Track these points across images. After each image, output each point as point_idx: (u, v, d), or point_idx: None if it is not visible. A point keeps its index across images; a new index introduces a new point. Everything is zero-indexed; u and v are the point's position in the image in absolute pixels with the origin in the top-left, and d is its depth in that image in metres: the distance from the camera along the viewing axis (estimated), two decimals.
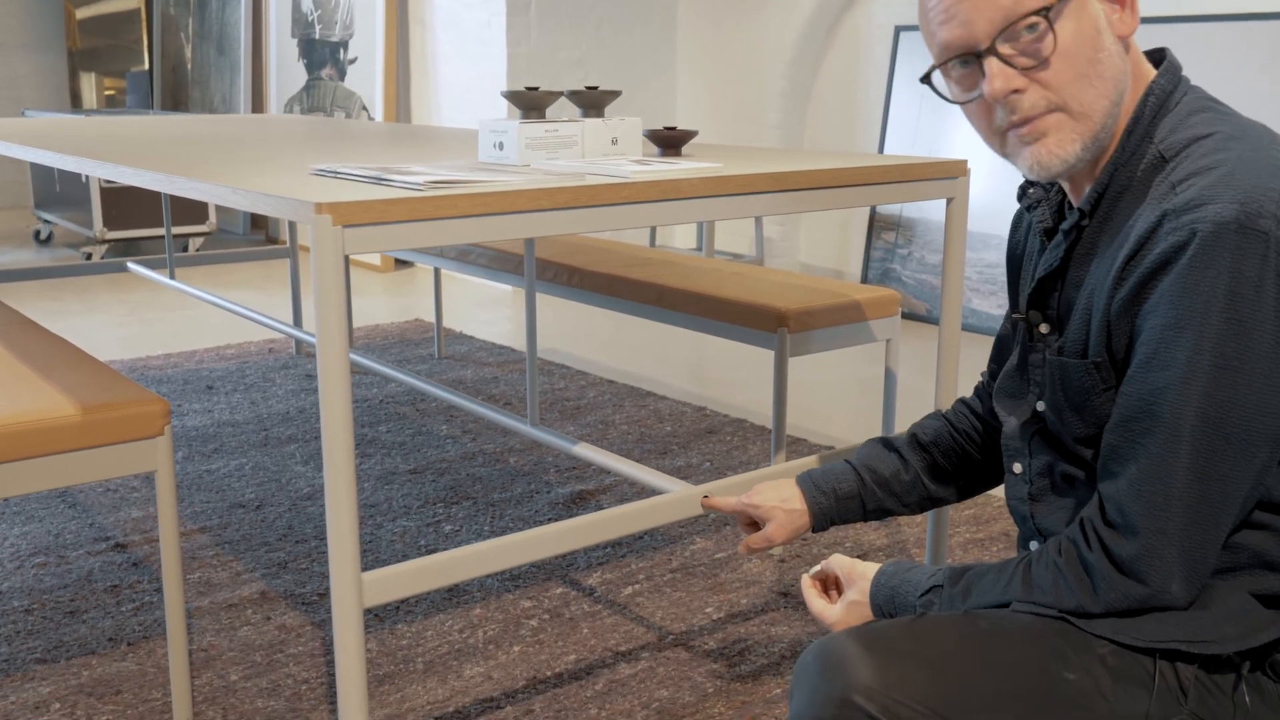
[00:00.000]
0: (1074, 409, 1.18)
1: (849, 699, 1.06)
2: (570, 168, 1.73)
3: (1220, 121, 1.11)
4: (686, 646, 2.08)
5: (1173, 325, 1.03)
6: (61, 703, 1.90)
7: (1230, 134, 1.09)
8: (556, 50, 5.31)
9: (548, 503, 2.73)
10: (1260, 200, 1.01)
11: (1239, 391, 1.02)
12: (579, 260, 2.87)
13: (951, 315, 2.08)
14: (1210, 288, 1.01)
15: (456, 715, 1.87)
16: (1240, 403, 1.02)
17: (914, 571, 1.25)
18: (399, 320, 4.68)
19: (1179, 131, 1.12)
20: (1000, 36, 1.11)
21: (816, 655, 1.11)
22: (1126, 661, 1.09)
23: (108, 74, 7.85)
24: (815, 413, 3.47)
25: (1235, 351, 1.01)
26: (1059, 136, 1.13)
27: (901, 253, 4.76)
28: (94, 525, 2.60)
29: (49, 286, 5.35)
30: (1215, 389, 1.02)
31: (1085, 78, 1.11)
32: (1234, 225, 1.00)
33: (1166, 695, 1.08)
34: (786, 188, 1.77)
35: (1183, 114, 1.13)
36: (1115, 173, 1.15)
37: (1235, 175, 1.03)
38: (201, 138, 2.57)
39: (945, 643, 1.10)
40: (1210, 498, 1.04)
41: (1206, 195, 1.02)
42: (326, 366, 1.40)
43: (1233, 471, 1.04)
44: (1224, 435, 1.03)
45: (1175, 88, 1.16)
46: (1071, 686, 1.07)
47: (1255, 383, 1.02)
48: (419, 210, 1.42)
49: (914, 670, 1.07)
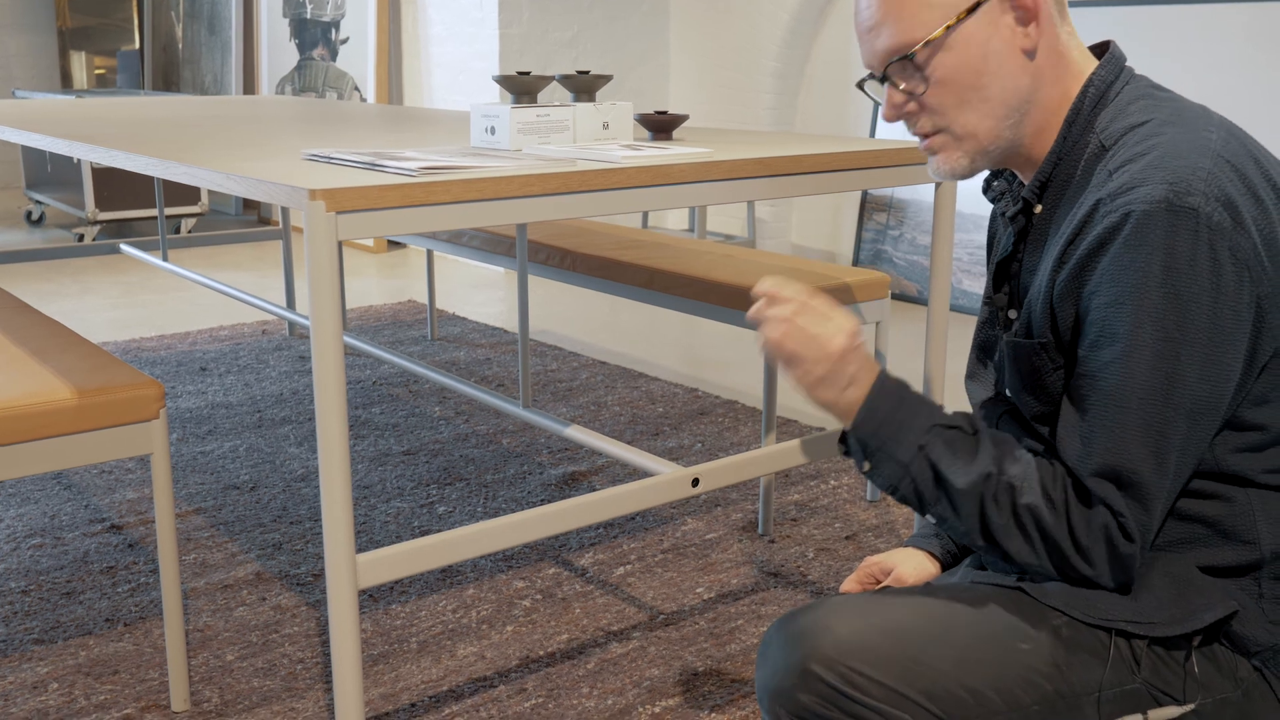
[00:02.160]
0: (1028, 390, 1.21)
1: (808, 668, 1.10)
2: (561, 153, 1.75)
3: (1156, 108, 1.15)
4: (677, 626, 2.10)
5: (1113, 303, 1.07)
6: (59, 683, 1.92)
7: (1164, 119, 1.12)
8: (548, 31, 5.30)
9: (540, 484, 2.75)
10: (1189, 179, 1.05)
11: (1181, 363, 1.05)
12: (571, 243, 2.88)
13: (940, 298, 2.10)
14: (1145, 265, 1.05)
15: (450, 695, 1.89)
16: (1183, 374, 1.06)
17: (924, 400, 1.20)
18: (392, 301, 4.69)
19: (1117, 120, 1.16)
20: (887, 67, 1.21)
21: (779, 628, 1.15)
22: (1080, 633, 1.12)
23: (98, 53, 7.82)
24: None
25: (1175, 324, 1.05)
26: (946, 154, 1.22)
27: (893, 234, 4.78)
28: (90, 507, 2.62)
29: (42, 268, 5.35)
30: (1158, 362, 1.06)
31: (965, 103, 1.18)
32: (1164, 204, 1.04)
33: (1120, 665, 1.11)
34: (776, 172, 1.79)
35: (1122, 103, 1.18)
36: (1059, 163, 1.20)
37: (1166, 158, 1.07)
38: (194, 120, 2.58)
39: (904, 615, 1.13)
40: (1159, 470, 1.08)
41: (1138, 178, 1.07)
42: (320, 351, 1.42)
43: (1184, 443, 1.08)
44: (1171, 407, 1.06)
45: (1116, 78, 1.20)
46: (1026, 657, 1.10)
47: (1195, 354, 1.05)
48: (412, 196, 1.43)
49: (873, 640, 1.10)
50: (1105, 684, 1.10)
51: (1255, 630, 1.13)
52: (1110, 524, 1.09)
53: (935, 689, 1.09)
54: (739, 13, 5.26)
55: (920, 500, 1.17)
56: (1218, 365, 1.06)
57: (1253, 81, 3.74)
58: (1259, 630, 1.13)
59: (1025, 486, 1.12)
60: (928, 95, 1.19)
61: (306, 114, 2.87)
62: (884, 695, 1.08)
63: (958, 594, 1.16)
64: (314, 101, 3.61)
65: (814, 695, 1.09)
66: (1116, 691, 1.11)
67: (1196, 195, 1.04)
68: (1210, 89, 3.84)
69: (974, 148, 1.21)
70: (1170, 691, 1.11)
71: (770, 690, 1.12)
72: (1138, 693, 1.11)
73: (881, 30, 1.19)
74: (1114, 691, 1.10)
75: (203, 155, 1.78)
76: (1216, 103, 3.82)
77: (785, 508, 2.62)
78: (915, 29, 1.17)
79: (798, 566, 2.33)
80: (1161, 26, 3.96)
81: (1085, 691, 1.10)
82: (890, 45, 1.19)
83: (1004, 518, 1.12)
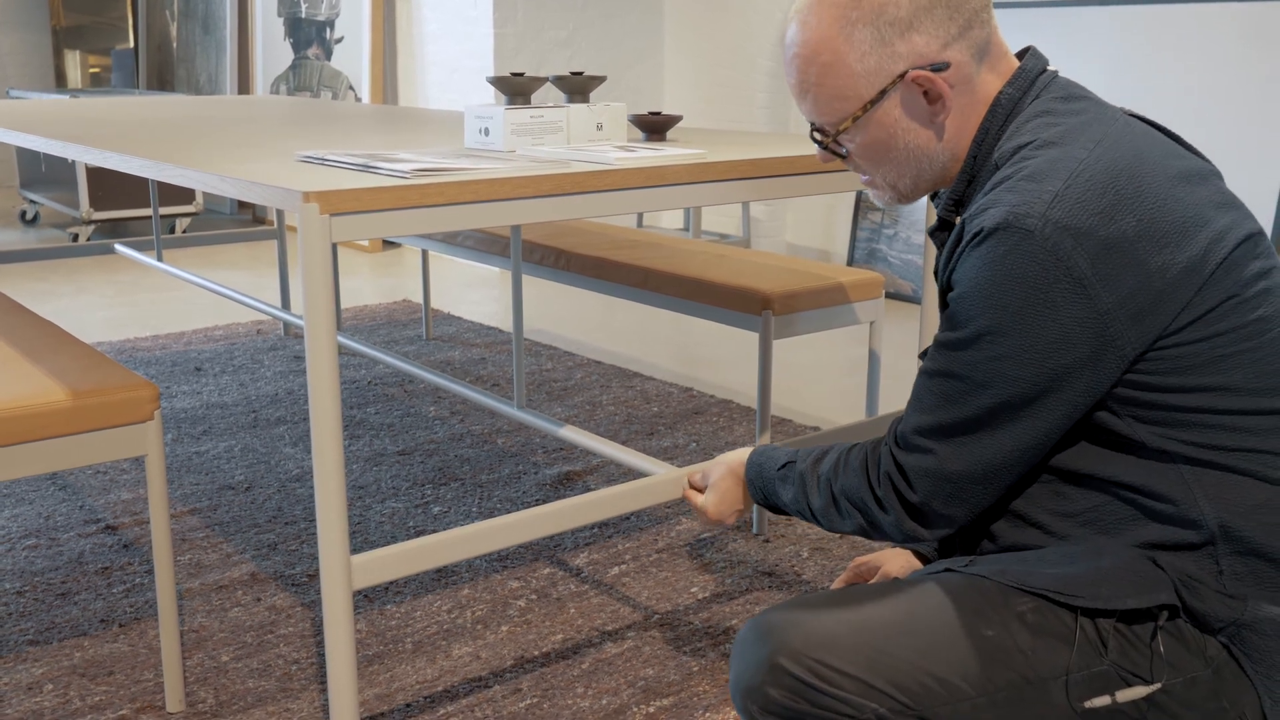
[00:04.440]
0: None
1: (777, 662, 1.13)
2: (555, 154, 1.75)
3: (1046, 126, 1.20)
4: (672, 626, 2.11)
5: (955, 299, 1.17)
6: (54, 684, 1.92)
7: (1047, 140, 1.18)
8: (543, 30, 5.30)
9: (535, 484, 2.75)
10: (1031, 203, 1.11)
11: (995, 363, 1.14)
12: (565, 243, 2.89)
13: (933, 298, 2.10)
14: (977, 276, 1.14)
15: (445, 695, 1.90)
16: (998, 372, 1.14)
17: (779, 450, 1.42)
18: (387, 301, 4.69)
19: (1011, 139, 1.22)
20: (811, 131, 1.34)
21: (751, 627, 1.18)
22: (1046, 617, 1.13)
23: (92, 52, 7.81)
24: (801, 393, 3.49)
25: (987, 326, 1.14)
26: (877, 192, 1.35)
27: (887, 233, 4.78)
28: (84, 507, 2.62)
29: (36, 267, 5.34)
30: (972, 356, 1.15)
31: (881, 166, 1.30)
32: (1002, 225, 1.12)
33: (1087, 648, 1.12)
34: (769, 174, 1.79)
35: (1021, 121, 1.23)
36: (970, 182, 1.27)
37: (1021, 180, 1.14)
38: (189, 120, 2.58)
39: (870, 607, 1.16)
40: (964, 446, 1.18)
41: (990, 201, 1.15)
42: (315, 353, 1.42)
43: (986, 428, 1.16)
44: (983, 395, 1.15)
45: (1024, 94, 1.24)
46: (990, 642, 1.12)
47: (1017, 357, 1.13)
48: (405, 198, 1.44)
49: (839, 633, 1.13)
50: (1073, 667, 1.12)
51: (1214, 606, 1.14)
52: (893, 472, 1.22)
53: (902, 678, 1.11)
54: (734, 12, 5.27)
55: (804, 517, 1.37)
56: (1026, 367, 1.13)
57: (1246, 80, 3.75)
58: (1217, 606, 1.14)
59: (830, 472, 1.30)
60: (849, 158, 1.32)
61: (301, 114, 2.87)
62: (852, 686, 1.11)
63: (923, 585, 1.18)
64: (308, 101, 3.61)
65: (783, 689, 1.12)
66: (1084, 674, 1.12)
67: (1035, 217, 1.10)
68: (1205, 88, 3.85)
69: (898, 193, 1.33)
70: (1138, 672, 1.12)
71: (742, 687, 1.15)
72: (1106, 674, 1.12)
73: (803, 100, 1.29)
74: (1082, 674, 1.12)
75: (197, 156, 1.79)
76: (1212, 101, 3.83)
77: None
78: (828, 114, 1.27)
79: (792, 566, 2.34)
80: (1158, 26, 3.97)
81: (1053, 675, 1.12)
82: (810, 119, 1.31)
83: (823, 500, 1.31)
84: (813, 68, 1.25)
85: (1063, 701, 1.12)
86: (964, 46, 1.23)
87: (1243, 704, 1.14)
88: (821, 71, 1.25)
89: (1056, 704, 1.12)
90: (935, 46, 1.22)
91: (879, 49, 1.22)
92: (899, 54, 1.22)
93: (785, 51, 1.30)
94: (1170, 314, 1.12)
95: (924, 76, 1.22)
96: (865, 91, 1.24)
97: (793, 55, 1.27)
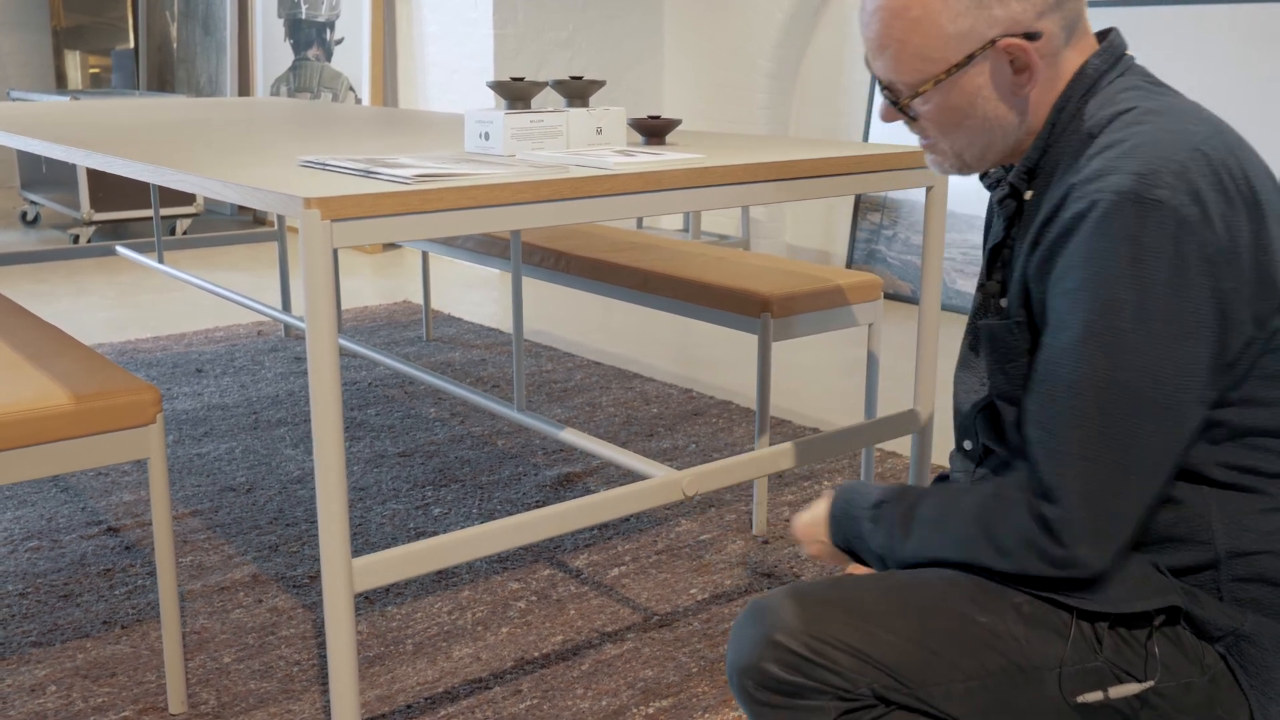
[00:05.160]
0: (1001, 369, 1.23)
1: (774, 639, 1.13)
2: (554, 159, 1.76)
3: (1144, 97, 1.15)
4: (671, 627, 2.12)
5: (1074, 290, 1.08)
6: (57, 685, 1.93)
7: (1149, 109, 1.12)
8: (543, 31, 5.31)
9: (535, 485, 2.77)
10: (1159, 171, 1.05)
11: (1135, 355, 1.05)
12: (565, 245, 2.90)
13: (931, 301, 2.12)
14: (1108, 254, 1.05)
15: (446, 696, 1.91)
16: (1136, 365, 1.05)
17: (869, 487, 1.32)
18: (387, 302, 4.70)
19: (1105, 108, 1.16)
20: (882, 87, 1.25)
21: (748, 610, 1.19)
22: (1041, 610, 1.14)
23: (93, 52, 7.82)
24: (800, 394, 3.50)
25: (1133, 314, 1.05)
26: (939, 159, 1.28)
27: (887, 234, 4.79)
28: (86, 509, 2.63)
29: (37, 268, 5.35)
30: (1112, 350, 1.05)
31: (951, 134, 1.23)
32: (1131, 195, 1.05)
33: (1081, 644, 1.13)
34: (768, 178, 1.80)
35: (1112, 92, 1.18)
36: (1046, 150, 1.21)
37: (1139, 147, 1.07)
38: (190, 123, 2.59)
39: (866, 590, 1.17)
40: (1117, 463, 1.07)
41: (1109, 167, 1.08)
42: (317, 358, 1.43)
43: (1137, 435, 1.06)
44: (1123, 397, 1.05)
45: (1110, 68, 1.20)
46: (984, 628, 1.13)
47: (1153, 344, 1.05)
48: (406, 204, 1.45)
49: (836, 612, 1.14)
50: (1067, 660, 1.13)
51: (1214, 614, 1.14)
52: (1031, 529, 1.11)
53: (897, 656, 1.12)
54: (734, 13, 5.28)
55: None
56: (1174, 360, 1.05)
57: (1246, 80, 3.76)
58: (1218, 615, 1.14)
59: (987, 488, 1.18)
60: (918, 122, 1.24)
61: (301, 117, 2.88)
62: (845, 660, 1.12)
63: (919, 573, 1.19)
64: (309, 103, 3.62)
65: (779, 664, 1.13)
66: (1078, 669, 1.13)
67: (1165, 188, 1.04)
68: (1205, 89, 3.86)
69: (957, 162, 1.26)
70: (1131, 670, 1.13)
71: (738, 667, 1.16)
72: (1099, 670, 1.13)
73: (880, 56, 1.21)
74: (1075, 669, 1.13)
75: (199, 160, 1.80)
76: (1211, 101, 3.84)
77: (779, 508, 2.63)
78: (907, 74, 1.20)
79: (791, 567, 2.35)
80: (1157, 27, 3.98)
81: (1046, 665, 1.13)
82: (884, 77, 1.23)
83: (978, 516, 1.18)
84: (899, 22, 1.18)
85: (1055, 693, 1.13)
86: (1058, 18, 1.17)
87: (1237, 715, 1.15)
88: (908, 28, 1.18)
89: (1049, 694, 1.13)
90: (1031, 15, 1.16)
91: (975, 11, 1.16)
92: (995, 18, 1.16)
93: (866, 2, 1.22)
94: (1272, 307, 1.08)
95: (1016, 45, 1.16)
96: (953, 55, 1.17)
97: (877, 6, 1.19)
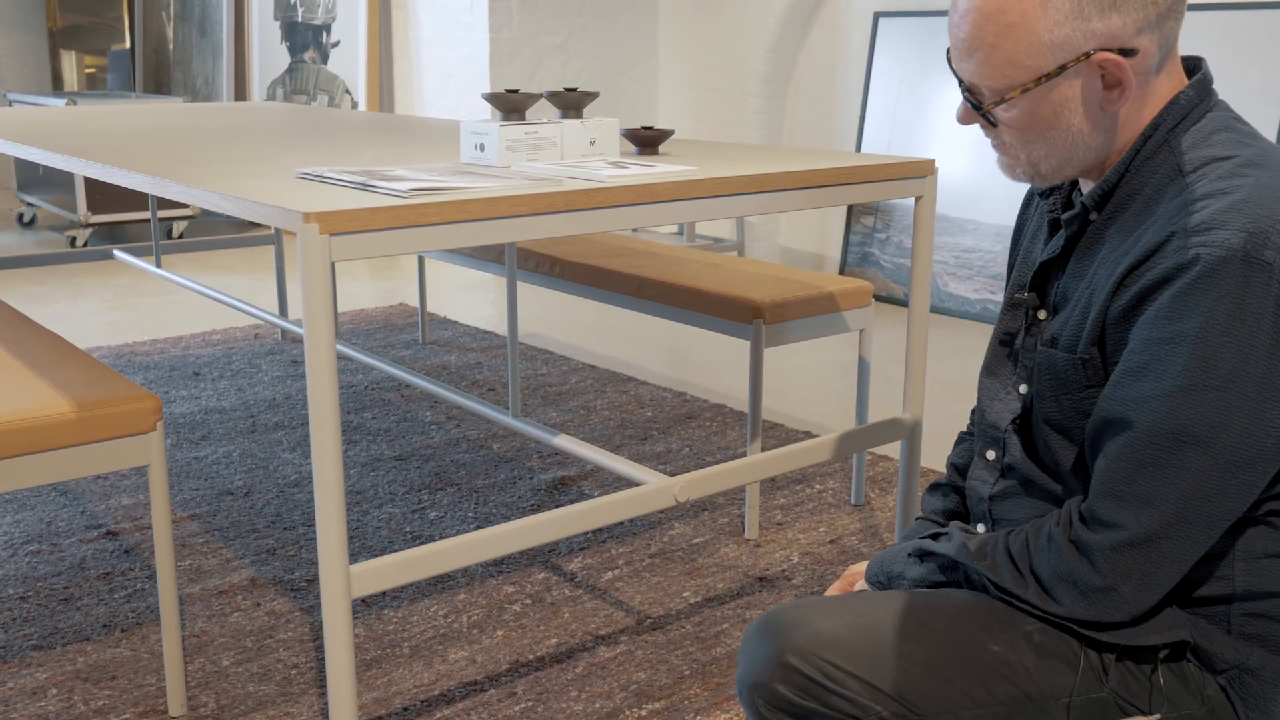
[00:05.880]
0: (1054, 398, 1.22)
1: (785, 660, 1.14)
2: (549, 171, 1.79)
3: (1241, 145, 1.14)
4: (664, 630, 2.15)
5: (1168, 340, 1.07)
6: (58, 688, 1.96)
7: (1249, 159, 1.11)
8: (538, 35, 5.34)
9: (530, 489, 2.79)
10: (1268, 231, 1.04)
11: (1226, 413, 1.05)
12: (560, 251, 2.93)
13: (920, 310, 2.15)
14: (1210, 310, 1.04)
15: (442, 698, 1.94)
16: (1225, 424, 1.05)
17: (905, 543, 1.32)
18: (383, 304, 4.73)
19: (1200, 148, 1.14)
20: (965, 88, 1.22)
21: (759, 624, 1.19)
22: (1052, 639, 1.16)
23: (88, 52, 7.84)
24: (792, 397, 3.53)
25: (1228, 374, 1.04)
26: (1010, 163, 1.24)
27: (880, 237, 4.83)
28: (85, 513, 2.66)
29: (34, 270, 5.37)
30: (1204, 407, 1.05)
31: (1030, 144, 1.20)
32: (1240, 253, 1.04)
33: (1089, 674, 1.15)
34: (760, 189, 1.83)
35: (1205, 130, 1.16)
36: (1126, 174, 1.18)
37: (1248, 203, 1.06)
38: (189, 130, 2.61)
39: (879, 612, 1.17)
40: (1183, 515, 1.08)
41: (1217, 220, 1.06)
42: (315, 371, 1.46)
43: (1210, 490, 1.07)
44: (1204, 453, 1.06)
45: (1202, 100, 1.18)
46: (995, 657, 1.15)
47: (1244, 405, 1.05)
48: (403, 218, 1.47)
49: (848, 635, 1.15)
50: (1076, 690, 1.15)
51: (1222, 648, 1.16)
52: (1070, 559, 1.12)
53: (906, 683, 1.13)
54: (728, 17, 5.31)
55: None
56: (1262, 420, 1.06)
57: (1233, 88, 3.79)
58: (1225, 648, 1.16)
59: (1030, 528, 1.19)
60: (998, 128, 1.21)
61: (298, 123, 2.91)
62: (857, 687, 1.13)
63: (932, 597, 1.20)
64: (306, 109, 3.64)
65: (791, 686, 1.14)
66: (1085, 699, 1.15)
67: (1273, 249, 1.04)
68: None
69: (1034, 171, 1.23)
70: (1135, 702, 1.16)
71: (749, 683, 1.17)
72: (1105, 701, 1.15)
73: (968, 59, 1.18)
74: (1083, 698, 1.15)
75: (198, 170, 1.82)
76: None
77: (771, 511, 2.66)
78: (995, 79, 1.17)
79: (783, 570, 2.38)
80: None
81: (1054, 695, 1.15)
82: (969, 79, 1.20)
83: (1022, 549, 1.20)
84: (993, 26, 1.14)
85: None
86: (1155, 37, 1.14)
87: None
88: (1002, 32, 1.14)
89: None
90: (1130, 31, 1.12)
91: (1074, 21, 1.12)
92: (1093, 31, 1.12)
93: (959, 2, 1.18)
94: None
95: (1112, 60, 1.12)
96: (1045, 64, 1.14)
97: (971, 7, 1.15)
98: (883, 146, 4.82)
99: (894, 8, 4.81)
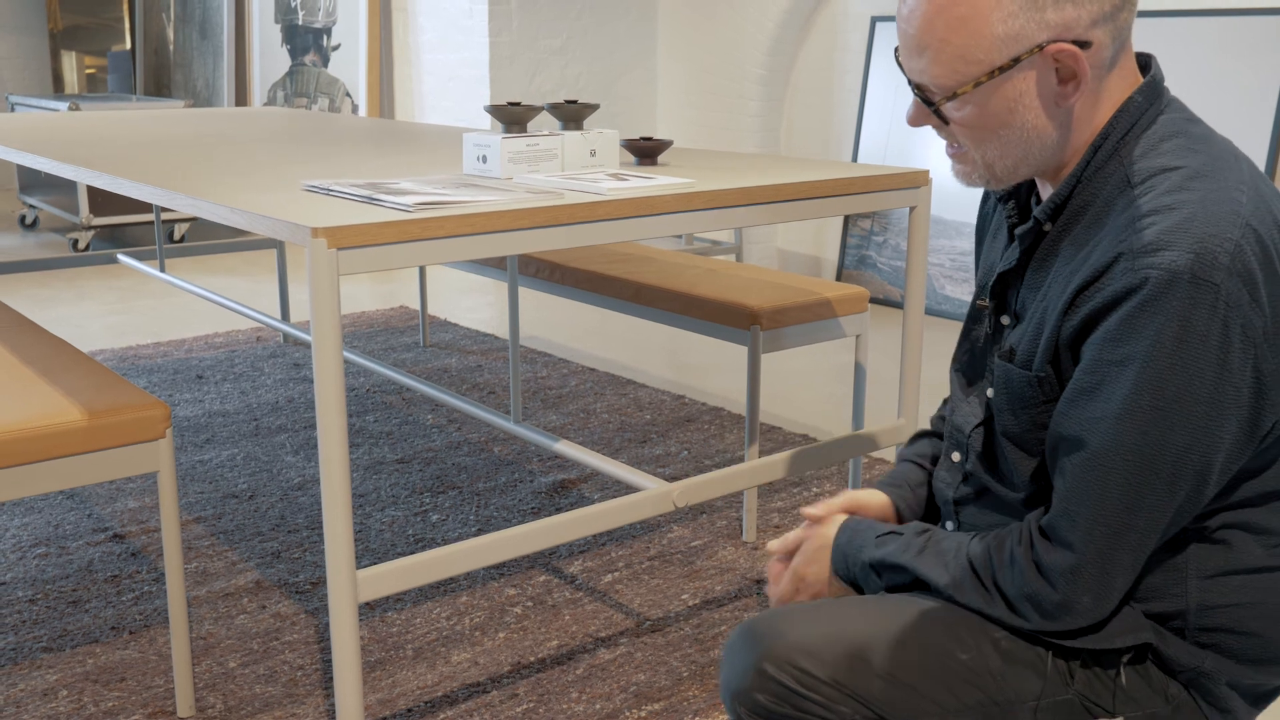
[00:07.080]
0: (1011, 412, 1.25)
1: (763, 668, 1.18)
2: (550, 183, 1.83)
3: (1190, 153, 1.12)
4: (663, 632, 2.19)
5: (1117, 362, 1.07)
6: (69, 690, 2.00)
7: (1196, 170, 1.10)
8: (537, 38, 5.38)
9: (531, 492, 2.83)
10: (1214, 251, 1.03)
11: (1172, 433, 1.07)
12: (561, 256, 2.96)
13: (914, 317, 2.18)
14: (1158, 332, 1.05)
15: (445, 700, 1.98)
16: (1171, 443, 1.07)
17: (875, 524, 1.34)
18: (384, 307, 4.77)
19: (1149, 158, 1.13)
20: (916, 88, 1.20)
21: (739, 633, 1.23)
22: (1019, 646, 1.20)
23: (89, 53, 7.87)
24: (790, 400, 3.57)
25: (1174, 395, 1.06)
26: (965, 169, 1.23)
27: (877, 240, 4.86)
28: (92, 516, 2.69)
29: (37, 273, 5.40)
30: (1150, 428, 1.07)
31: (984, 143, 1.18)
32: (1187, 275, 1.03)
33: (1056, 678, 1.20)
34: (756, 201, 1.87)
35: (1155, 138, 1.15)
36: (1078, 185, 1.18)
37: (1194, 221, 1.05)
38: (193, 138, 2.65)
39: (853, 620, 1.21)
40: (1134, 526, 1.11)
41: (1163, 240, 1.05)
42: (323, 382, 1.49)
43: (1158, 505, 1.10)
44: (1153, 471, 1.08)
45: (1152, 105, 1.17)
46: (964, 665, 1.19)
47: (1191, 425, 1.07)
48: (408, 232, 1.51)
49: (822, 643, 1.19)
50: (1043, 694, 1.19)
51: (1179, 653, 1.20)
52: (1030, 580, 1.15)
53: (877, 689, 1.17)
54: (726, 20, 5.34)
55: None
56: (1208, 437, 1.07)
57: (1222, 90, 3.83)
58: (1182, 653, 1.20)
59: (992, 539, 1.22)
60: (951, 127, 1.19)
61: (301, 130, 2.95)
62: (830, 694, 1.17)
63: (905, 604, 1.24)
64: (308, 114, 3.68)
65: (769, 694, 1.18)
66: (1052, 702, 1.19)
67: (1220, 270, 1.03)
68: (1186, 99, 3.93)
69: (991, 174, 1.21)
70: (1100, 703, 1.20)
71: (731, 690, 1.21)
72: (1071, 703, 1.20)
73: (917, 56, 1.16)
74: (1050, 701, 1.19)
75: (205, 181, 1.86)
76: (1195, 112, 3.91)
77: (769, 514, 2.70)
78: (946, 76, 1.15)
79: None
80: (1139, 38, 4.05)
81: (1021, 700, 1.19)
82: (918, 78, 1.17)
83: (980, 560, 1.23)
84: (942, 20, 1.12)
85: None
86: (1110, 30, 1.12)
87: None
88: (952, 26, 1.12)
89: None
90: (1085, 22, 1.11)
91: (1028, 12, 1.10)
92: (1047, 22, 1.10)
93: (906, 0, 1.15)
94: None
95: (1068, 51, 1.11)
96: (997, 57, 1.12)
97: (919, 2, 1.13)
98: (880, 149, 4.86)
99: (891, 11, 4.85)
